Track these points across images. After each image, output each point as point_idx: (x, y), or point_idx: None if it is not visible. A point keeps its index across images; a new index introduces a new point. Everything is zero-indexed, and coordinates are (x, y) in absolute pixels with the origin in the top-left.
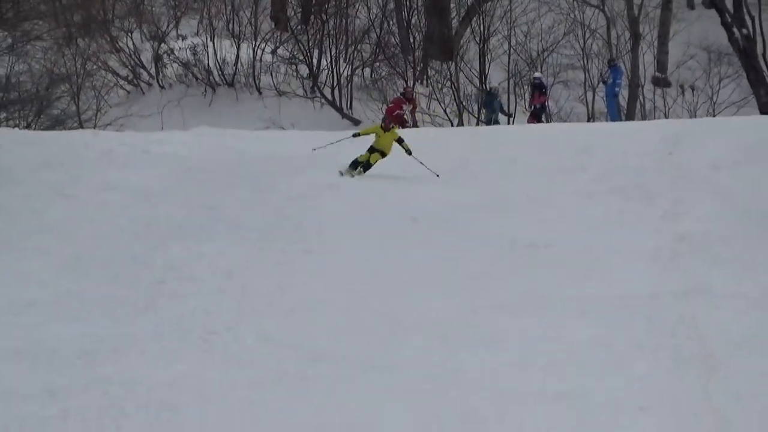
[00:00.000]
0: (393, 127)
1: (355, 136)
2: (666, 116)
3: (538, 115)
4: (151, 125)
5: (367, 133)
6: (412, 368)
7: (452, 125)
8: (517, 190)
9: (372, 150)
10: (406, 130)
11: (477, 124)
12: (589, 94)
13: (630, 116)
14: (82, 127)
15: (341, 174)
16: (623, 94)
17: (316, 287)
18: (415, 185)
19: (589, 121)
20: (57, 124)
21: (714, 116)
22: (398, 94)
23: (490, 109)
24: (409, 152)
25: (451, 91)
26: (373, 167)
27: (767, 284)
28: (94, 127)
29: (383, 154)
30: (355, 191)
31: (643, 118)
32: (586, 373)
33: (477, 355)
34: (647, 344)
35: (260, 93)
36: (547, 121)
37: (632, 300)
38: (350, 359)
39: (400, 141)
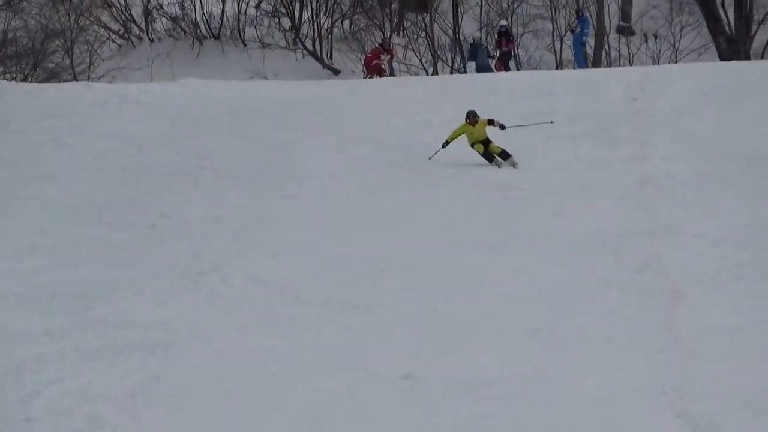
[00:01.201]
0: (478, 119)
1: (444, 145)
2: (630, 63)
3: (505, 61)
4: (141, 77)
5: (456, 137)
6: (391, 307)
7: (427, 74)
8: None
9: (483, 143)
10: (384, 78)
11: (451, 72)
12: (557, 43)
13: (596, 64)
14: (76, 79)
15: (508, 166)
16: (590, 43)
17: (300, 231)
18: (393, 134)
19: (557, 68)
20: (52, 76)
21: (676, 63)
22: (376, 45)
23: (476, 58)
24: (503, 127)
25: (426, 42)
26: (500, 147)
27: (727, 224)
28: (88, 80)
29: (487, 141)
30: (336, 139)
31: (609, 65)
32: (558, 308)
33: (453, 293)
34: (615, 281)
35: (245, 45)
36: (517, 69)
37: (601, 239)
38: (333, 300)
39: (491, 122)
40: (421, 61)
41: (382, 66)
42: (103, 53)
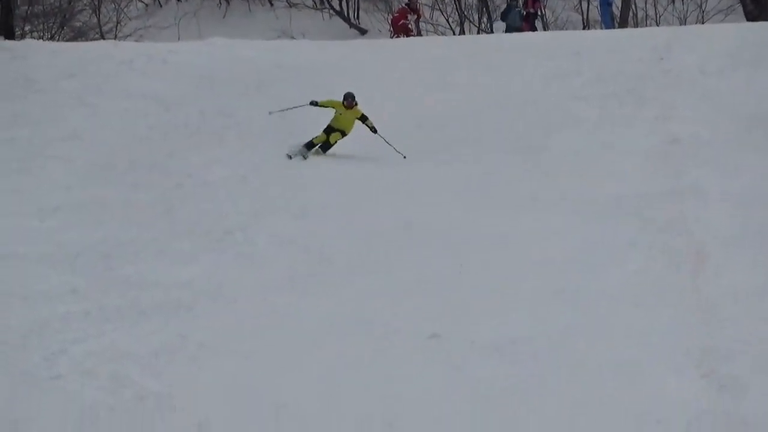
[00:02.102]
0: (355, 104)
1: (312, 104)
2: (657, 24)
3: (531, 21)
4: (168, 36)
5: (325, 106)
6: (415, 268)
7: (454, 34)
8: (516, 95)
9: (330, 130)
10: (410, 38)
11: (478, 32)
12: (584, 4)
13: (623, 24)
14: (103, 38)
15: (289, 157)
16: (616, 4)
17: (324, 192)
18: (419, 94)
19: (584, 29)
20: (79, 35)
21: (703, 23)
22: (403, 5)
23: (507, 18)
24: (374, 130)
25: (453, 2)
26: (333, 146)
27: (752, 184)
28: (115, 39)
29: (343, 134)
30: (362, 99)
31: (636, 25)
32: (583, 270)
33: (477, 254)
34: (640, 242)
35: (272, 4)
36: (544, 29)
37: (626, 199)
38: (357, 260)
39: (363, 119)
40: (447, 21)
41: (409, 26)
42: (130, 12)
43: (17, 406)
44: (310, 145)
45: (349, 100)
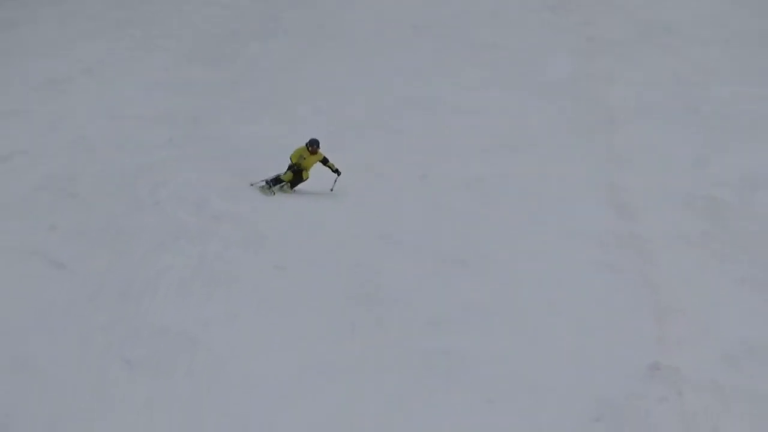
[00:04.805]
0: (318, 149)
1: (291, 168)
2: None
3: None
4: None
5: (297, 157)
6: (414, 129)
7: None
8: (482, 8)
9: (298, 173)
10: None
11: None
12: None
13: None
14: None
15: (267, 190)
16: None
17: (350, 77)
18: (416, 3)
19: None
20: None
21: None
22: None
23: None
24: (337, 172)
25: None
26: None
27: (652, 70)
28: None
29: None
30: (371, 2)
31: None
32: (522, 130)
33: (455, 119)
34: (564, 111)
35: None
36: None
37: (558, 83)
38: (371, 123)
39: (325, 161)
40: None
41: None
42: None
43: (132, 224)
44: (277, 181)
45: (313, 147)
